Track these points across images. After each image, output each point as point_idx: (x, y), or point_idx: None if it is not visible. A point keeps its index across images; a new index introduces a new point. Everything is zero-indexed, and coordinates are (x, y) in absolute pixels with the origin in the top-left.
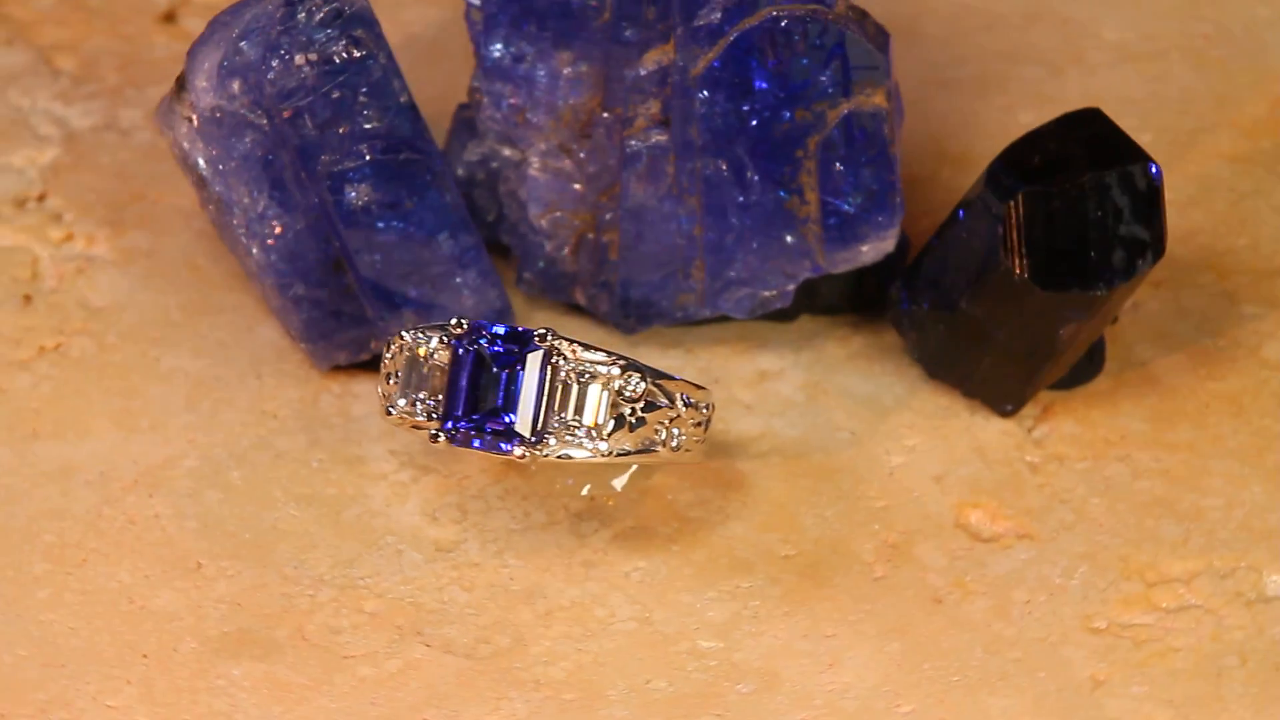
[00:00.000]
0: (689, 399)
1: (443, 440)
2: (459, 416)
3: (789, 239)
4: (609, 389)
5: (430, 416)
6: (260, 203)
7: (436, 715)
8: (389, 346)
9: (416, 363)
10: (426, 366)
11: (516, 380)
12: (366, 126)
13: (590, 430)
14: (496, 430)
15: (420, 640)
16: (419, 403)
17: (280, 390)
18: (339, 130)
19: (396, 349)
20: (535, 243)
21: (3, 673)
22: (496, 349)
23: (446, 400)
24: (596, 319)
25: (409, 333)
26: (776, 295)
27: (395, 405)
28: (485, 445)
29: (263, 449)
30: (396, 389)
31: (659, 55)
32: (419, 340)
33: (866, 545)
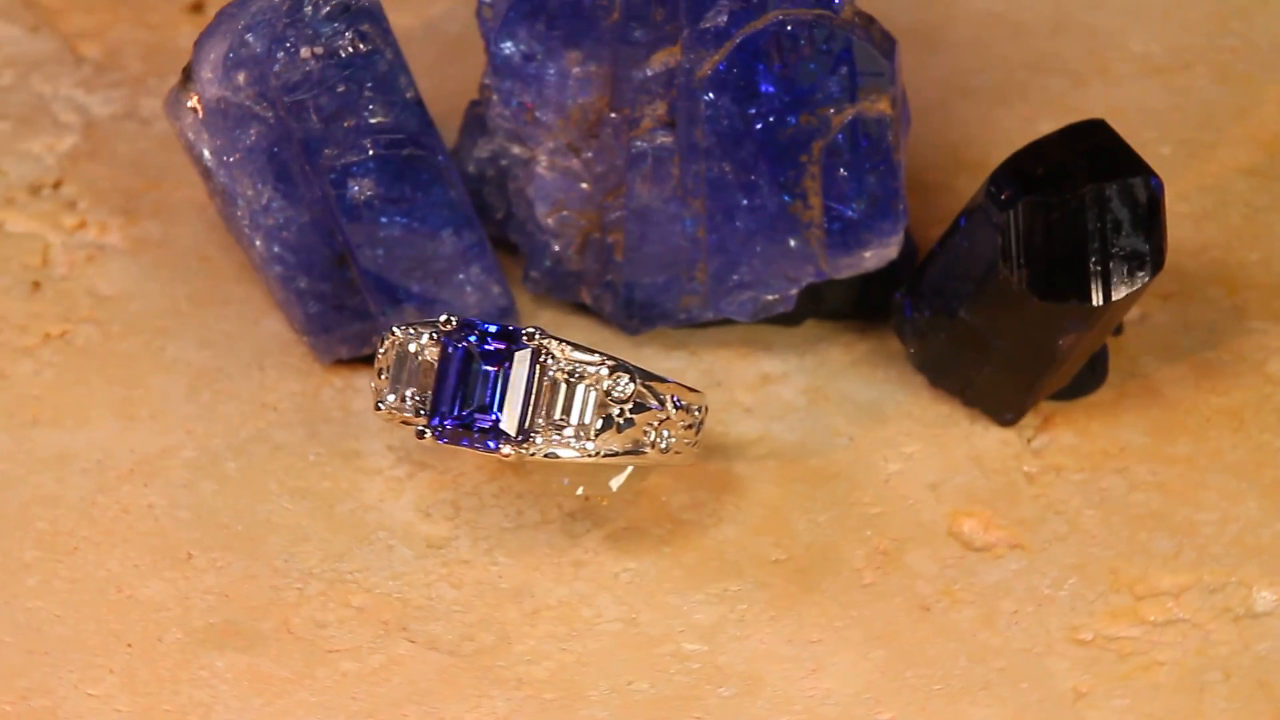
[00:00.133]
0: (680, 401)
1: (429, 437)
2: (446, 413)
3: (792, 243)
4: (597, 389)
5: (418, 413)
6: (264, 195)
7: (416, 712)
8: (382, 341)
9: (406, 358)
10: (416, 362)
11: (504, 378)
12: (371, 121)
13: (578, 430)
14: (483, 428)
15: (405, 636)
16: (408, 398)
17: (282, 383)
18: (343, 124)
19: (389, 344)
20: (542, 241)
21: None
22: (486, 347)
23: (434, 397)
24: (602, 319)
25: (400, 328)
26: (779, 299)
27: (385, 400)
28: (472, 443)
29: (261, 441)
30: (387, 384)
31: (666, 57)
32: (409, 336)
33: (857, 551)
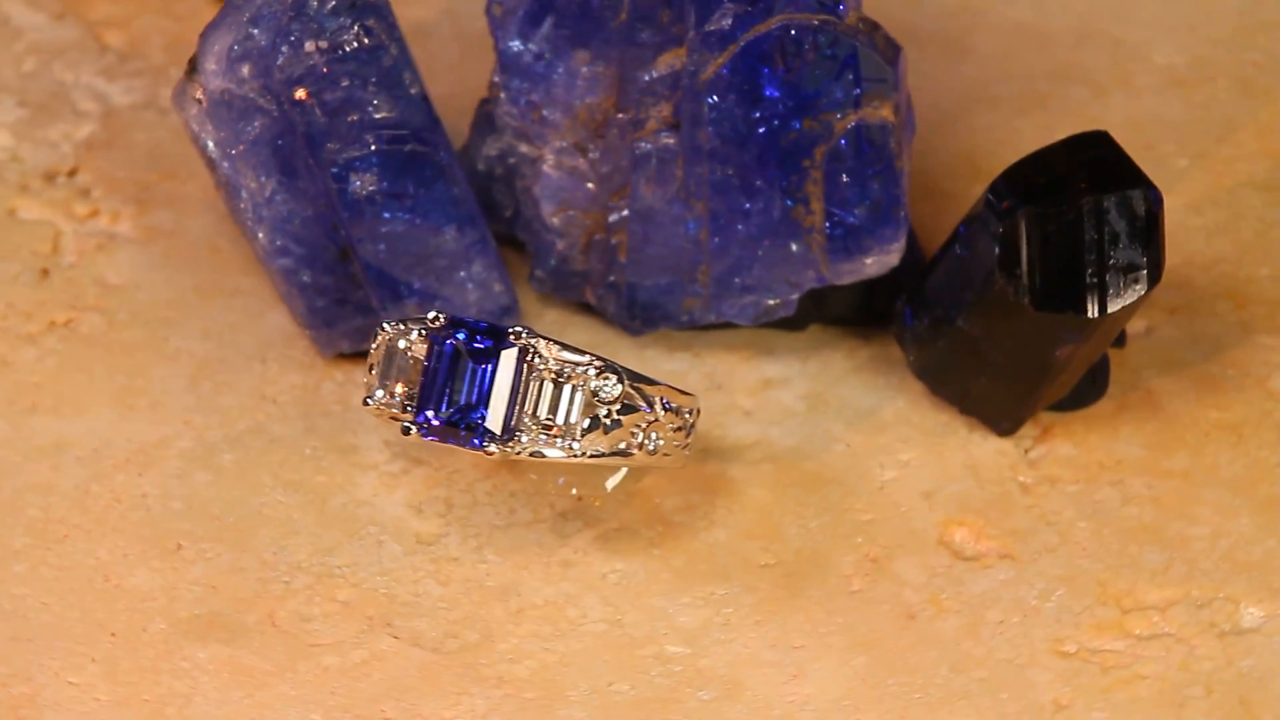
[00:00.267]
0: (669, 404)
1: (414, 433)
2: (431, 410)
3: (794, 248)
4: (584, 390)
5: (406, 408)
6: (268, 188)
7: (394, 708)
8: (375, 337)
9: (395, 354)
10: (405, 359)
11: (490, 376)
12: (376, 116)
13: (564, 430)
14: (469, 426)
15: (389, 632)
16: (396, 394)
17: (283, 376)
18: (347, 118)
19: (380, 340)
20: (548, 240)
21: None
22: (475, 345)
23: (421, 393)
24: (606, 319)
25: (390, 324)
26: (781, 303)
27: (373, 396)
28: (457, 440)
29: (258, 433)
30: (376, 379)
31: (672, 59)
32: (399, 332)
33: (847, 558)
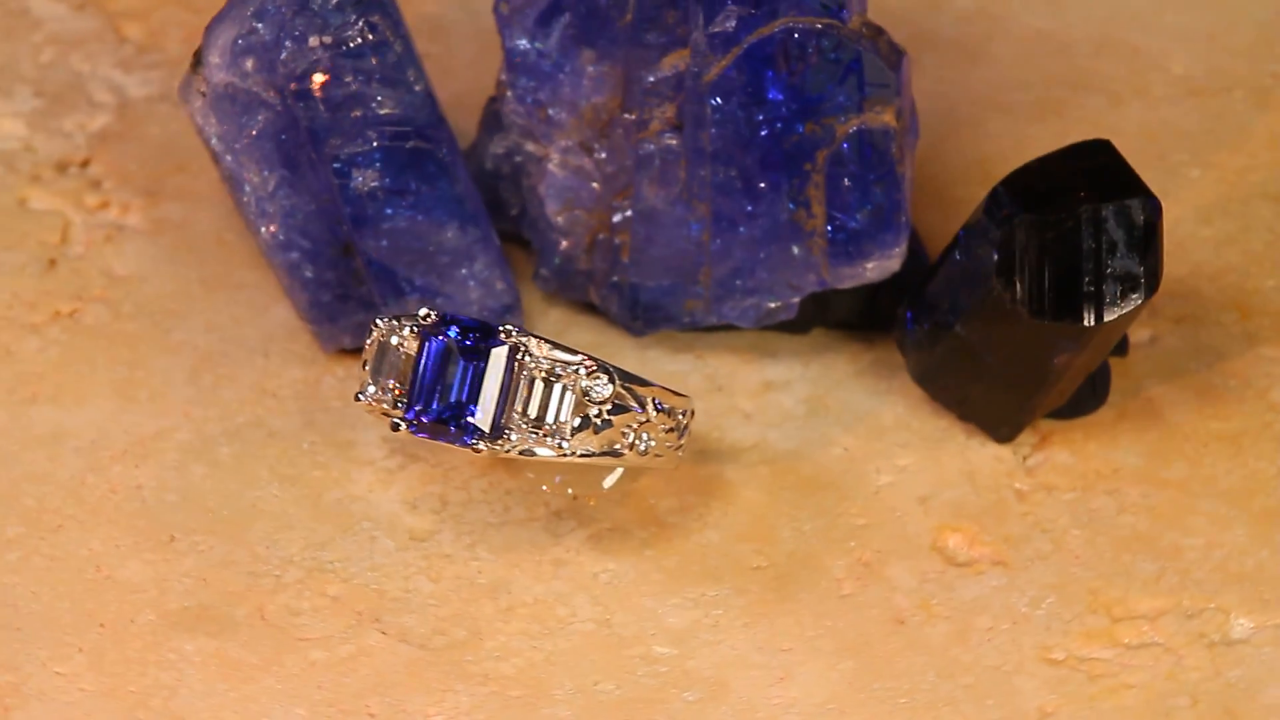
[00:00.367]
0: (662, 404)
1: (404, 429)
2: (421, 407)
3: (795, 251)
4: (575, 389)
5: (397, 405)
6: (270, 182)
7: (379, 704)
8: (370, 333)
9: (387, 350)
10: (397, 355)
11: (480, 374)
12: (380, 112)
13: (554, 428)
14: (459, 423)
15: (377, 628)
16: (388, 390)
17: (284, 370)
18: (350, 114)
19: (373, 336)
20: (552, 239)
21: None
22: (465, 342)
23: (411, 390)
24: (609, 319)
25: (383, 320)
26: (782, 306)
27: (365, 392)
28: (447, 437)
29: (256, 427)
30: (369, 375)
31: (676, 60)
32: (391, 328)
33: (839, 562)
